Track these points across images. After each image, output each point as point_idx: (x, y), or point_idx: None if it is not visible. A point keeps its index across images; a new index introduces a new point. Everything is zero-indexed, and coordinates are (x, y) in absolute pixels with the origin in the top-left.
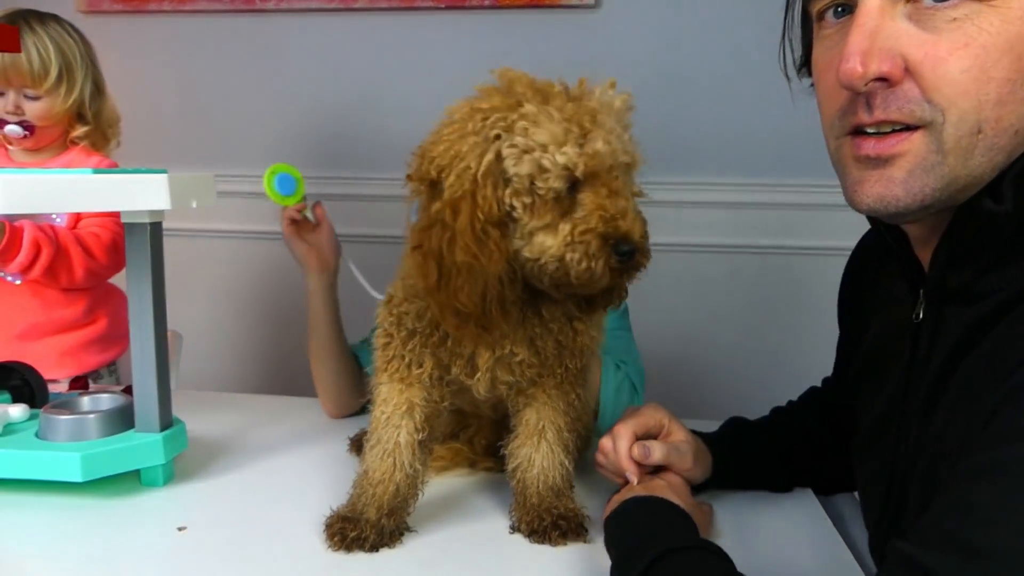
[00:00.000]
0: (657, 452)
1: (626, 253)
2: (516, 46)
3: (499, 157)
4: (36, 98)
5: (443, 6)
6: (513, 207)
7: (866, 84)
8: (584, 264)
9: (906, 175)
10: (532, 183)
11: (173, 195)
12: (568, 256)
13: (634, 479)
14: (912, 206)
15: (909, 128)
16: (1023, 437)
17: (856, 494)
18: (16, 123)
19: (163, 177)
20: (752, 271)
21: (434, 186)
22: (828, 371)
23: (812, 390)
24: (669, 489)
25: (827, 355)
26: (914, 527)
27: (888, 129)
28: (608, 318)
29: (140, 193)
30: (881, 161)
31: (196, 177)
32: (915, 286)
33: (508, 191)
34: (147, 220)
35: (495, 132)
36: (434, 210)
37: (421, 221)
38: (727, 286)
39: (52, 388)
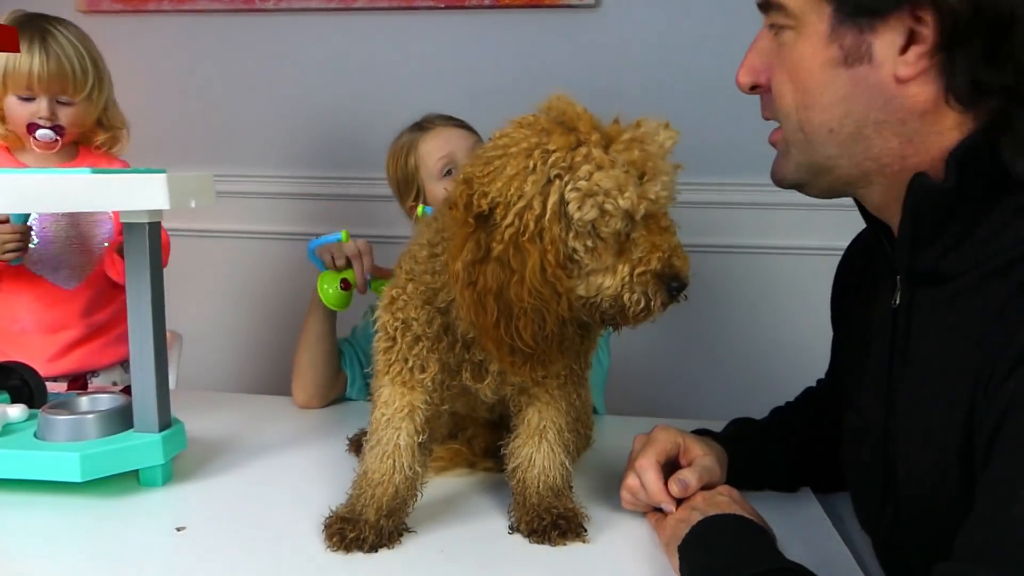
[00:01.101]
0: (694, 482)
1: (677, 289)
2: (516, 46)
3: (562, 199)
4: (69, 103)
5: (443, 6)
6: (575, 250)
7: (749, 91)
8: (643, 304)
9: (779, 159)
10: (593, 226)
11: (172, 195)
12: (627, 296)
13: (672, 509)
14: (789, 182)
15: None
16: None
17: None
18: (49, 127)
19: (162, 177)
20: (750, 271)
21: (483, 219)
22: (825, 370)
23: (808, 390)
24: (735, 503)
25: (824, 354)
26: (959, 545)
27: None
28: None
29: (139, 193)
30: (774, 147)
31: (196, 177)
32: (894, 273)
33: (571, 234)
34: (146, 220)
35: (556, 172)
36: (493, 248)
37: (469, 255)
38: (725, 286)
39: (51, 388)
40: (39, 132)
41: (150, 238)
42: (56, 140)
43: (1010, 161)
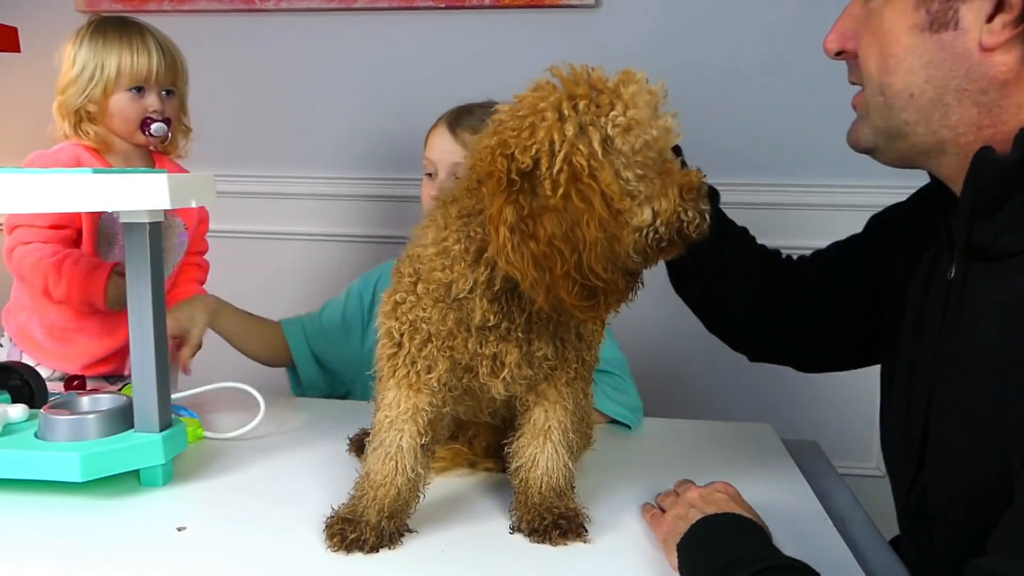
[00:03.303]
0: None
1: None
2: (516, 46)
3: (605, 137)
4: (172, 94)
5: (443, 6)
6: (628, 180)
7: (835, 57)
8: (697, 219)
9: (857, 123)
10: (635, 157)
11: (173, 195)
12: (682, 214)
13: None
14: (863, 146)
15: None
16: None
17: (855, 495)
18: (161, 120)
19: (163, 177)
20: None
21: (526, 175)
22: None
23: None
24: (732, 501)
25: None
26: (993, 540)
27: (859, 88)
28: None
29: (140, 193)
30: (855, 110)
31: (196, 177)
32: (952, 247)
33: (621, 166)
34: (146, 220)
35: (588, 119)
36: (545, 197)
37: (513, 215)
38: None
39: (50, 388)
40: (154, 126)
41: (151, 238)
42: (168, 133)
43: None
